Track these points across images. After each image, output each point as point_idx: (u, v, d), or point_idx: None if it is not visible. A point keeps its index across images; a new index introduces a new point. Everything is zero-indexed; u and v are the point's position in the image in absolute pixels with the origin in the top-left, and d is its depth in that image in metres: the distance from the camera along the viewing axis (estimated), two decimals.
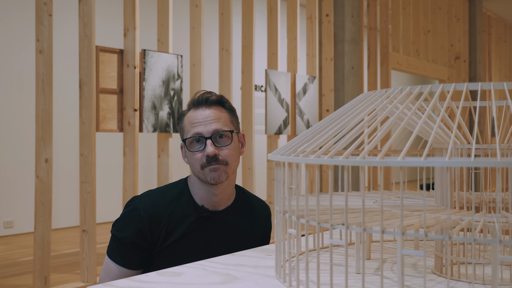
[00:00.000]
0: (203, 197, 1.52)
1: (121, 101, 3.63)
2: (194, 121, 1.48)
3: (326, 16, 5.40)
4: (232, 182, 1.55)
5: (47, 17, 3.22)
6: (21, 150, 5.81)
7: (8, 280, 3.93)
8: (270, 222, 1.70)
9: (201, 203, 1.52)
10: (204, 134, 1.46)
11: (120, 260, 1.47)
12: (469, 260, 0.99)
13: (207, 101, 1.50)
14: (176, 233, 1.47)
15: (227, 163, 1.48)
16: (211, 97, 1.51)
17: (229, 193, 1.55)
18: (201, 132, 1.46)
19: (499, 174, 0.83)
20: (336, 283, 1.03)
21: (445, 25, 7.91)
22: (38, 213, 3.20)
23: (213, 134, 1.46)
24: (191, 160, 1.50)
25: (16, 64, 5.82)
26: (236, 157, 1.52)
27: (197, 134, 1.47)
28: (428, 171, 6.35)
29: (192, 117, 1.50)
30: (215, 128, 1.47)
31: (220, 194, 1.51)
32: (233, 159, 1.50)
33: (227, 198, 1.55)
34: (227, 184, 1.52)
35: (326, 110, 5.40)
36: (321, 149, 0.91)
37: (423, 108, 1.12)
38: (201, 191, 1.51)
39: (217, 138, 1.48)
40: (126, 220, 1.48)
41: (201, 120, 1.48)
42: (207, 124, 1.47)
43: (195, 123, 1.48)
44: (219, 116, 1.49)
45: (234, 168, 1.51)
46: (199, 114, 1.49)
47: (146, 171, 6.83)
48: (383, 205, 1.03)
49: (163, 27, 3.92)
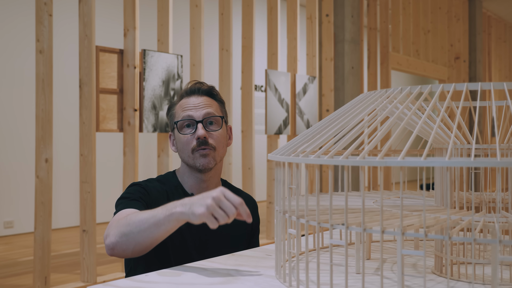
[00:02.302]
0: (192, 185, 1.55)
1: (121, 101, 3.63)
2: (185, 106, 1.52)
3: (326, 16, 5.40)
4: (218, 171, 1.58)
5: (47, 17, 3.22)
6: (21, 150, 5.81)
7: (8, 280, 3.94)
8: (257, 215, 1.72)
9: (191, 191, 1.55)
10: (195, 118, 1.50)
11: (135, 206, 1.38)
12: (469, 260, 0.99)
13: (199, 90, 1.55)
14: None
15: (215, 148, 1.51)
16: (202, 87, 1.56)
17: (216, 181, 1.59)
18: (192, 115, 1.50)
19: (499, 174, 0.84)
20: (336, 283, 1.03)
21: (445, 25, 7.92)
22: (38, 213, 3.20)
23: (204, 118, 1.50)
24: (181, 144, 1.52)
25: (16, 64, 5.82)
26: (224, 145, 1.56)
27: (188, 117, 1.50)
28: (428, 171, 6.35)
29: (184, 103, 1.54)
30: (206, 112, 1.51)
31: (208, 181, 1.55)
32: (221, 146, 1.54)
33: (214, 185, 1.58)
34: (214, 172, 1.55)
35: (326, 110, 5.40)
36: (321, 149, 0.91)
37: (423, 108, 1.12)
38: (191, 179, 1.54)
39: (207, 124, 1.52)
40: (130, 194, 1.45)
41: (193, 105, 1.52)
42: (199, 108, 1.51)
43: (186, 107, 1.52)
44: (211, 103, 1.55)
45: (221, 155, 1.55)
46: (191, 100, 1.53)
47: (146, 171, 6.82)
48: (383, 205, 1.03)
49: (163, 27, 3.92)
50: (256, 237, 1.70)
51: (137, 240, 1.22)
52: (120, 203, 1.42)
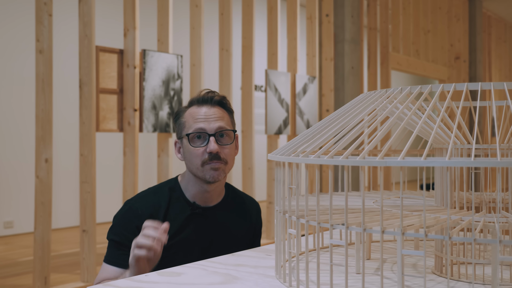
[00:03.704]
0: (195, 193, 1.53)
1: (121, 101, 3.63)
2: (197, 116, 1.49)
3: (326, 16, 5.40)
4: (224, 179, 1.57)
5: (47, 17, 3.22)
6: (21, 150, 5.81)
7: (8, 280, 3.93)
8: (260, 219, 1.71)
9: (193, 199, 1.53)
10: (207, 131, 1.48)
11: (121, 262, 1.46)
12: (469, 260, 0.99)
13: (212, 100, 1.52)
14: (171, 230, 1.48)
15: (227, 162, 1.50)
16: (215, 97, 1.53)
17: (220, 190, 1.58)
18: (205, 128, 1.48)
19: (499, 174, 0.84)
20: (336, 283, 1.03)
21: (445, 25, 7.91)
22: (38, 213, 3.20)
23: (217, 132, 1.48)
24: (190, 156, 1.50)
25: (16, 64, 5.82)
26: (233, 157, 1.55)
27: (200, 129, 1.47)
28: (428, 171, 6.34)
29: (196, 112, 1.50)
30: (219, 126, 1.48)
31: (212, 191, 1.54)
32: (232, 158, 1.53)
33: (217, 194, 1.57)
34: (220, 182, 1.54)
35: (326, 110, 5.40)
36: (321, 149, 0.91)
37: (423, 108, 1.12)
38: (195, 187, 1.53)
39: (219, 137, 1.49)
40: (124, 221, 1.48)
41: (205, 117, 1.49)
42: (211, 121, 1.48)
43: (198, 118, 1.49)
44: (222, 115, 1.52)
45: (230, 167, 1.54)
46: (203, 111, 1.50)
47: (146, 171, 6.83)
48: (383, 205, 1.03)
49: (163, 27, 3.92)
50: (258, 240, 1.70)
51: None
52: (112, 253, 1.48)
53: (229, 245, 1.53)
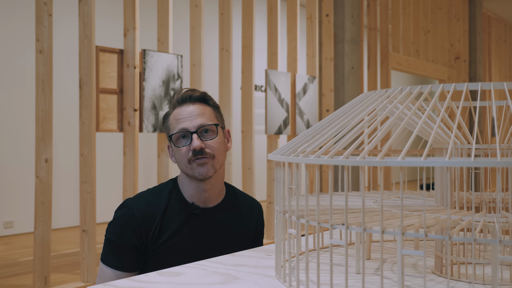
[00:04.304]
0: (193, 194, 1.52)
1: (121, 101, 3.63)
2: (179, 117, 1.50)
3: (326, 16, 5.40)
4: (221, 178, 1.56)
5: (47, 17, 3.22)
6: (21, 150, 5.81)
7: (8, 280, 3.93)
8: (262, 220, 1.71)
9: (191, 200, 1.53)
10: (189, 129, 1.48)
11: (117, 264, 1.46)
12: (469, 260, 0.99)
13: (191, 97, 1.52)
14: (169, 231, 1.48)
15: (214, 156, 1.49)
16: (194, 94, 1.53)
17: (219, 189, 1.56)
18: (187, 127, 1.48)
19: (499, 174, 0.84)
20: (336, 283, 1.03)
21: (445, 25, 7.91)
22: (38, 213, 3.20)
23: (199, 129, 1.48)
24: (178, 156, 1.51)
25: (17, 64, 5.82)
26: (222, 151, 1.53)
27: (182, 129, 1.48)
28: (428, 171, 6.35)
29: (177, 113, 1.51)
30: (200, 123, 1.48)
31: (209, 190, 1.52)
32: (220, 152, 1.51)
33: (217, 194, 1.56)
34: (216, 179, 1.53)
35: (326, 110, 5.40)
36: (321, 149, 0.91)
37: (423, 108, 1.12)
38: (191, 188, 1.52)
39: (203, 133, 1.49)
40: (120, 222, 1.48)
41: (186, 116, 1.49)
42: (192, 119, 1.49)
43: (180, 119, 1.50)
44: (203, 111, 1.51)
45: (221, 162, 1.52)
46: (183, 110, 1.51)
47: (146, 171, 6.83)
48: (383, 205, 1.03)
49: (163, 27, 3.92)
50: (260, 240, 1.70)
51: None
52: (107, 253, 1.46)
53: (230, 246, 1.53)
